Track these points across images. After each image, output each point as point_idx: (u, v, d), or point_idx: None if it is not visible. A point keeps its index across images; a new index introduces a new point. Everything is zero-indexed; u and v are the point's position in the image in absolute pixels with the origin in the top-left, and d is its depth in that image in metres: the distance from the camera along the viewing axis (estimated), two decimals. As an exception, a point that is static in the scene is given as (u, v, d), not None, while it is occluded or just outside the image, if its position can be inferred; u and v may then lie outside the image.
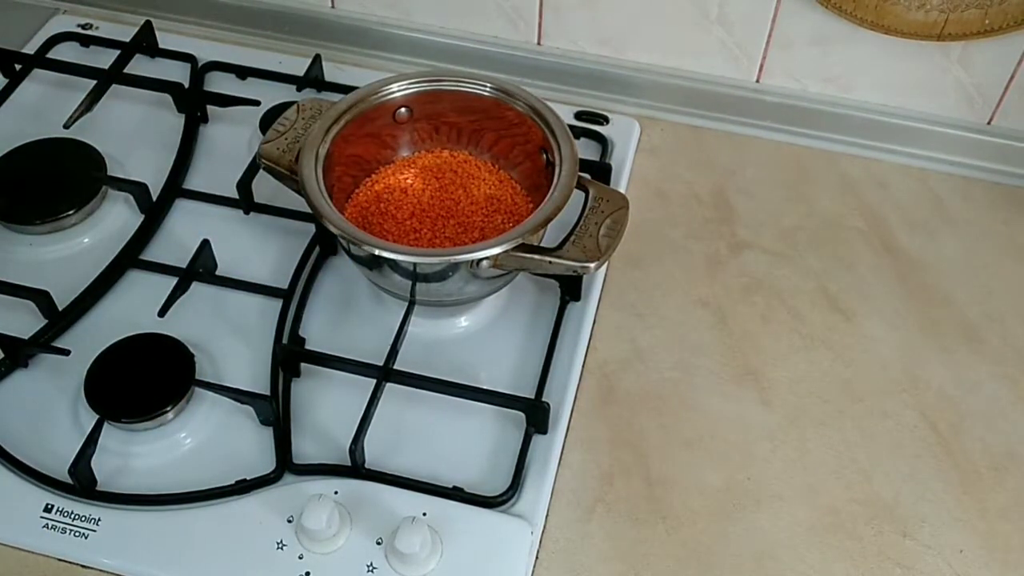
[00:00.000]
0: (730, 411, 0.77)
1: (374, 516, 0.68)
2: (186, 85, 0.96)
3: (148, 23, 1.01)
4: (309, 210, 0.73)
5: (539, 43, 0.99)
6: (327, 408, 0.75)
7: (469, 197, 0.82)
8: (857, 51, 0.91)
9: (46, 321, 0.78)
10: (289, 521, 0.68)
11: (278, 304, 0.80)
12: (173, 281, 0.80)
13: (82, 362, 0.74)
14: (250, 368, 0.76)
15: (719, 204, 0.91)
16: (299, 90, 0.96)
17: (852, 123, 0.95)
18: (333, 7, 1.02)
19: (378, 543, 0.67)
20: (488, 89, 0.82)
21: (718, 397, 0.78)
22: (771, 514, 0.71)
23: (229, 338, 0.79)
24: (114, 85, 0.95)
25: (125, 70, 0.97)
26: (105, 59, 0.97)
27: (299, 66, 0.98)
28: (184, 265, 0.81)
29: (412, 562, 0.65)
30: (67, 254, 0.85)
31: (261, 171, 0.81)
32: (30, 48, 1.01)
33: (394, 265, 0.72)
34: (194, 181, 0.90)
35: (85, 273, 0.82)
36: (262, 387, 0.74)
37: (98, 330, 0.78)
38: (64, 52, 1.01)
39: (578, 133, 0.92)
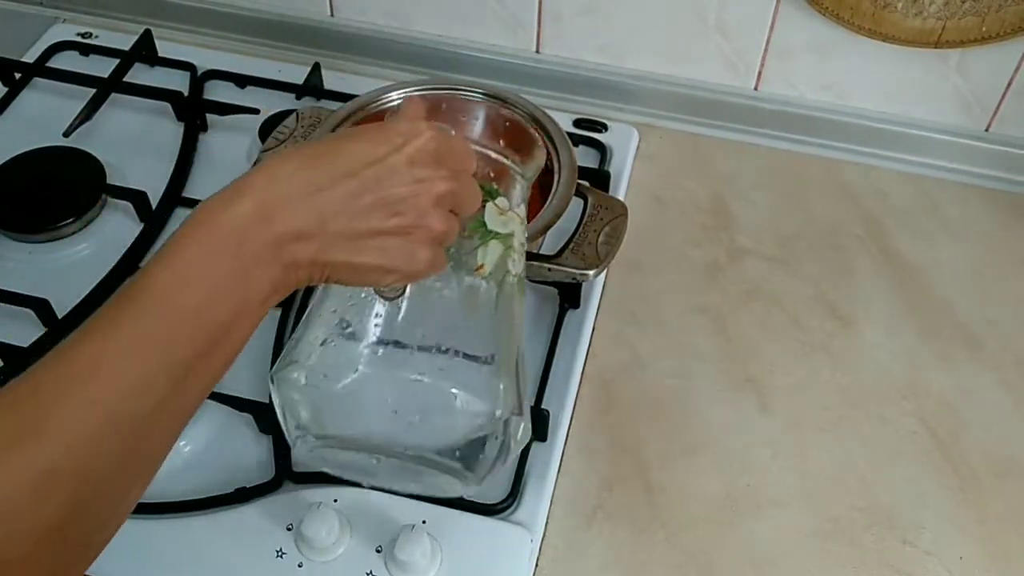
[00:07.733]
0: (729, 418, 0.77)
1: (374, 524, 0.67)
2: (185, 93, 0.96)
3: (148, 32, 1.01)
4: (308, 218, 0.73)
5: (538, 51, 0.99)
6: (326, 416, 0.75)
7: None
8: (855, 58, 0.91)
9: (46, 330, 0.78)
10: (289, 529, 0.67)
11: (277, 312, 0.80)
12: (172, 289, 0.79)
13: (81, 370, 0.74)
14: (249, 376, 0.76)
15: (718, 211, 0.91)
16: (298, 98, 0.97)
17: (850, 130, 0.95)
18: (332, 15, 1.02)
19: (378, 551, 0.67)
20: (487, 97, 0.82)
21: (717, 404, 0.77)
22: (771, 521, 0.71)
23: (228, 346, 0.78)
24: (114, 94, 0.95)
25: (125, 79, 0.97)
26: (105, 68, 0.98)
27: (298, 74, 0.98)
28: (183, 273, 0.81)
29: (412, 570, 0.65)
30: (67, 262, 0.85)
31: (260, 179, 0.81)
32: (30, 57, 1.01)
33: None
34: (194, 189, 0.90)
35: (84, 281, 0.81)
36: (261, 395, 0.74)
37: (97, 338, 0.78)
38: (64, 61, 1.01)
39: (577, 140, 0.92)
